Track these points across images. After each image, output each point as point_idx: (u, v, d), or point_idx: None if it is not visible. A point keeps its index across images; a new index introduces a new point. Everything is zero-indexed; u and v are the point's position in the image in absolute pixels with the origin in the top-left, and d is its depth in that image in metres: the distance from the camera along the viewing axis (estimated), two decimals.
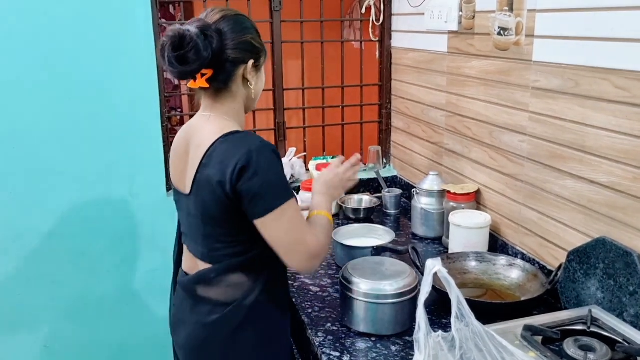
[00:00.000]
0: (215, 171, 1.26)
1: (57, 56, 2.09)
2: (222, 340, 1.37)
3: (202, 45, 1.24)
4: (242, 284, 1.36)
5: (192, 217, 1.38)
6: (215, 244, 1.35)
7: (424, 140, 2.33)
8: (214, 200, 1.28)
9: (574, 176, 1.52)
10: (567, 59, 1.49)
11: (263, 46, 1.41)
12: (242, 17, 1.37)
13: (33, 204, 2.18)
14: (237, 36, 1.32)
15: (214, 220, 1.32)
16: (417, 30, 2.29)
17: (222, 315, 1.36)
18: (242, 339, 1.37)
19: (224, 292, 1.37)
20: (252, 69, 1.36)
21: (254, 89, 1.40)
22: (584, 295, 1.43)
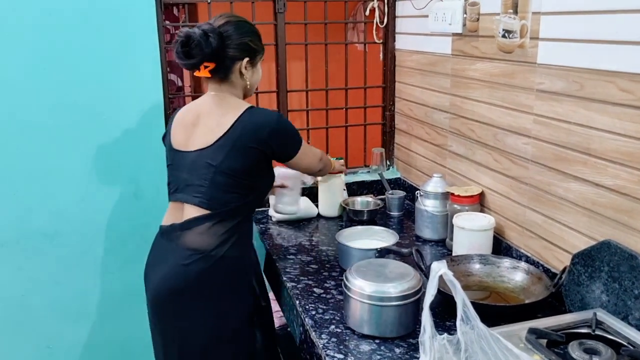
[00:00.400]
0: (251, 132, 1.62)
1: (63, 57, 2.10)
2: (195, 282, 1.61)
3: (204, 44, 1.59)
4: (221, 233, 1.63)
5: (203, 167, 1.63)
6: (218, 192, 1.63)
7: (428, 142, 2.33)
8: (243, 154, 1.62)
9: (579, 179, 1.52)
10: (572, 61, 1.49)
11: (260, 47, 1.74)
12: (244, 22, 1.71)
13: (37, 205, 2.19)
14: (237, 38, 1.66)
15: (233, 170, 1.62)
16: (421, 32, 2.29)
17: (200, 259, 1.61)
18: (213, 283, 1.63)
19: (203, 240, 1.62)
20: (247, 65, 1.69)
21: (249, 80, 1.74)
22: (589, 298, 1.43)
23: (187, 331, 1.66)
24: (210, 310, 1.65)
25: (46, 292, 2.27)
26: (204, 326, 1.65)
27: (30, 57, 2.07)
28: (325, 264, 1.90)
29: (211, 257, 1.62)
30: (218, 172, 1.62)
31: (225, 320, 1.67)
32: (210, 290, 1.63)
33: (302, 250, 2.02)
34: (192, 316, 1.65)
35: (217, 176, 1.62)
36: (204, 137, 1.66)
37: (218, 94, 1.71)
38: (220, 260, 1.62)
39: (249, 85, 1.74)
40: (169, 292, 1.65)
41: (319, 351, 1.43)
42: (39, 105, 2.11)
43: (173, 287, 1.64)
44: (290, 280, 1.79)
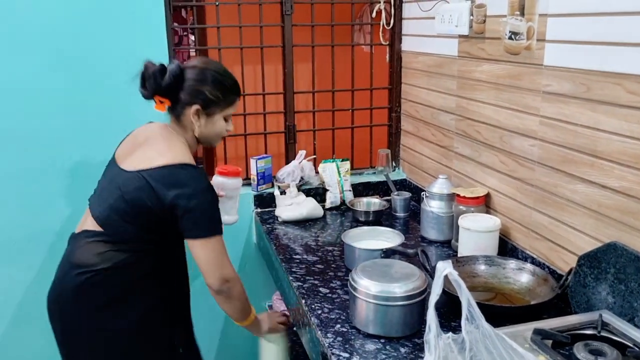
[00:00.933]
0: (166, 189, 1.56)
1: (72, 59, 2.12)
2: (69, 296, 1.63)
3: (157, 78, 1.61)
4: (106, 256, 1.60)
5: (114, 186, 1.63)
6: (115, 216, 1.61)
7: (434, 143, 2.33)
8: (147, 197, 1.57)
9: (585, 181, 1.52)
10: (579, 63, 1.49)
11: (223, 100, 1.68)
12: (212, 71, 1.67)
13: (46, 204, 2.21)
14: (193, 84, 1.64)
15: (134, 205, 1.59)
16: (427, 34, 2.30)
17: (74, 277, 1.61)
18: (87, 301, 1.62)
19: (86, 255, 1.61)
20: (197, 113, 1.66)
21: (199, 130, 1.70)
22: (595, 300, 1.43)
23: (72, 346, 1.72)
24: (91, 334, 1.66)
25: None
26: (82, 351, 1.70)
27: (40, 60, 2.09)
28: (331, 264, 1.91)
29: (84, 270, 1.60)
30: (122, 199, 1.60)
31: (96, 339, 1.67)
32: (86, 310, 1.63)
33: (308, 250, 2.03)
34: (71, 337, 1.70)
35: (120, 202, 1.61)
36: (134, 162, 1.65)
37: (170, 129, 1.71)
38: (93, 276, 1.60)
39: (198, 135, 1.71)
40: (51, 305, 1.71)
41: (325, 350, 1.43)
42: (49, 107, 2.13)
43: (52, 301, 1.70)
44: (296, 280, 1.79)
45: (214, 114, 1.69)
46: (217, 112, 1.69)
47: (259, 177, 2.43)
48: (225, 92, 1.68)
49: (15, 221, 2.19)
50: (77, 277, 1.61)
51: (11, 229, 2.19)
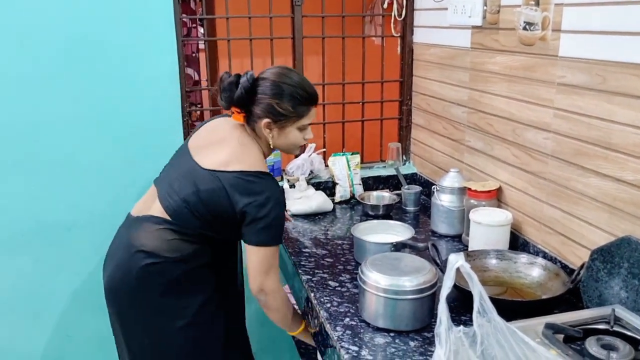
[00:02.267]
0: (239, 196, 1.60)
1: (81, 51, 2.11)
2: (134, 284, 1.64)
3: (229, 92, 1.64)
4: (173, 244, 1.63)
5: (188, 180, 1.64)
6: (185, 210, 1.63)
7: (445, 137, 2.31)
8: (220, 200, 1.61)
9: (599, 174, 1.49)
10: (595, 54, 1.47)
11: (293, 113, 1.66)
12: (285, 85, 1.64)
13: (55, 197, 2.21)
14: (264, 97, 1.64)
15: (206, 204, 1.62)
16: (439, 25, 2.27)
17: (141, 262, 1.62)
18: (152, 288, 1.64)
19: (154, 242, 1.62)
20: (268, 125, 1.66)
21: (273, 142, 1.71)
22: (607, 295, 1.41)
23: (128, 334, 1.74)
24: (148, 323, 1.69)
25: (65, 283, 2.30)
26: (141, 336, 1.71)
27: (49, 52, 2.08)
28: (340, 258, 1.89)
29: (153, 258, 1.62)
30: (195, 195, 1.63)
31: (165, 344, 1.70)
32: (148, 299, 1.66)
33: (317, 243, 2.02)
34: (128, 321, 1.71)
35: (193, 197, 1.63)
36: (210, 159, 1.66)
37: (247, 135, 1.71)
38: (161, 264, 1.62)
39: (272, 146, 1.72)
40: (114, 287, 1.70)
41: (334, 343, 1.42)
42: (57, 99, 2.13)
43: (117, 280, 1.68)
44: (305, 273, 1.78)
45: (285, 127, 1.68)
46: (288, 125, 1.68)
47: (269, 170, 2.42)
48: (296, 105, 1.66)
49: (23, 214, 2.19)
50: (143, 262, 1.62)
51: (18, 222, 2.20)
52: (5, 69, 2.05)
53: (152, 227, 1.65)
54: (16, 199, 2.17)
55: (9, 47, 2.04)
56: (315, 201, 2.29)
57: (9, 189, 2.15)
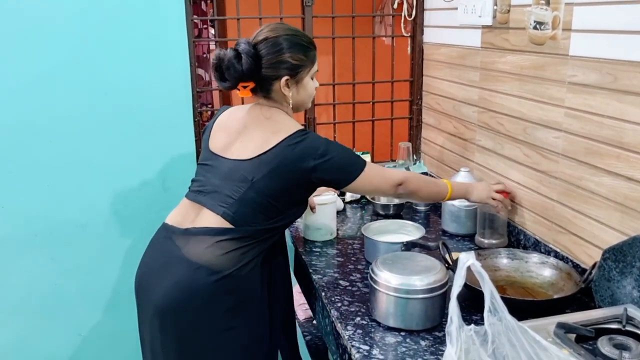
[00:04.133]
0: (297, 160, 1.53)
1: (93, 52, 2.14)
2: (200, 304, 1.50)
3: (235, 66, 1.52)
4: (232, 250, 1.52)
5: (238, 179, 1.55)
6: (246, 209, 1.54)
7: (455, 136, 2.31)
8: (284, 178, 1.54)
9: (611, 173, 1.49)
10: (606, 53, 1.46)
11: (306, 61, 1.61)
12: (284, 37, 1.57)
13: (69, 197, 2.23)
14: (273, 57, 1.55)
15: (269, 190, 1.54)
16: (449, 25, 2.27)
17: (207, 280, 1.48)
18: (219, 306, 1.51)
19: (214, 257, 1.50)
20: (287, 83, 1.59)
21: (293, 99, 1.62)
22: (619, 294, 1.40)
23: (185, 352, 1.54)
24: (213, 334, 1.53)
25: (78, 282, 2.32)
26: (200, 349, 1.53)
27: (62, 52, 2.11)
28: (351, 257, 1.90)
29: (219, 274, 1.49)
30: (252, 189, 1.53)
31: (227, 345, 1.55)
32: (216, 312, 1.52)
33: (328, 243, 2.03)
34: (192, 337, 1.52)
35: (250, 192, 1.53)
36: (246, 148, 1.58)
37: (266, 108, 1.63)
38: (227, 279, 1.50)
39: (291, 104, 1.63)
40: (174, 305, 1.50)
41: (345, 342, 1.43)
42: (69, 100, 2.15)
43: (179, 300, 1.50)
44: (315, 273, 1.79)
45: (302, 78, 1.62)
46: (305, 75, 1.63)
47: None
48: (306, 52, 1.61)
49: (37, 214, 2.22)
50: (210, 280, 1.49)
51: (33, 222, 2.22)
52: (20, 70, 2.08)
53: (212, 240, 1.51)
54: (31, 199, 2.20)
55: (23, 50, 2.07)
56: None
57: (24, 189, 2.18)
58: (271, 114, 1.62)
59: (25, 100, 2.11)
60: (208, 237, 1.52)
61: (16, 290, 2.27)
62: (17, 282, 2.26)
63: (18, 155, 2.15)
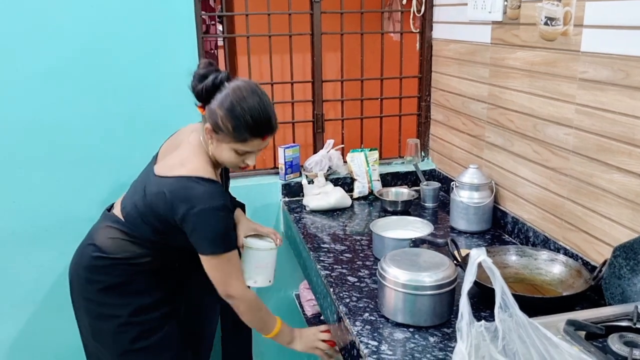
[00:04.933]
0: (177, 201, 1.58)
1: (102, 48, 2.14)
2: (81, 273, 1.74)
3: (194, 82, 1.60)
4: (121, 241, 1.69)
5: (142, 188, 1.68)
6: (136, 214, 1.67)
7: (464, 133, 2.30)
8: (164, 213, 1.61)
9: (622, 170, 1.48)
10: (618, 49, 1.45)
11: (229, 130, 1.57)
12: (239, 100, 1.55)
13: (78, 193, 2.24)
14: (215, 104, 1.56)
15: (150, 208, 1.64)
16: (459, 21, 2.26)
17: (90, 253, 1.71)
18: (96, 279, 1.71)
19: (104, 239, 1.70)
20: (209, 132, 1.60)
21: (210, 150, 1.65)
22: (630, 292, 1.40)
23: (77, 314, 1.83)
24: (89, 313, 1.76)
25: None
26: (83, 324, 1.81)
27: (71, 49, 2.11)
28: (359, 253, 1.90)
29: (103, 256, 1.69)
30: (144, 201, 1.65)
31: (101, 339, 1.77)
32: (89, 290, 1.73)
33: (336, 239, 2.03)
34: (79, 302, 1.79)
35: (141, 203, 1.66)
36: (165, 164, 1.69)
37: (198, 137, 1.69)
38: (105, 260, 1.69)
39: (210, 153, 1.66)
40: (70, 271, 1.80)
41: (353, 338, 1.43)
42: (79, 96, 2.16)
43: (72, 268, 1.79)
44: (324, 269, 1.79)
45: (221, 142, 1.61)
46: (224, 142, 1.60)
47: (287, 166, 2.43)
48: (237, 127, 1.56)
49: (47, 209, 2.23)
50: (91, 255, 1.70)
51: (43, 217, 2.23)
52: (30, 68, 2.09)
53: (107, 224, 1.72)
54: (40, 195, 2.21)
55: (33, 47, 2.07)
56: (333, 197, 2.30)
57: (34, 185, 2.19)
58: (196, 148, 1.67)
59: (35, 97, 2.12)
60: (108, 222, 1.73)
61: (26, 285, 2.28)
62: (26, 276, 2.27)
63: (28, 151, 2.16)
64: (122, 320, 1.72)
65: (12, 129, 2.13)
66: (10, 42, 2.05)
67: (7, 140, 2.13)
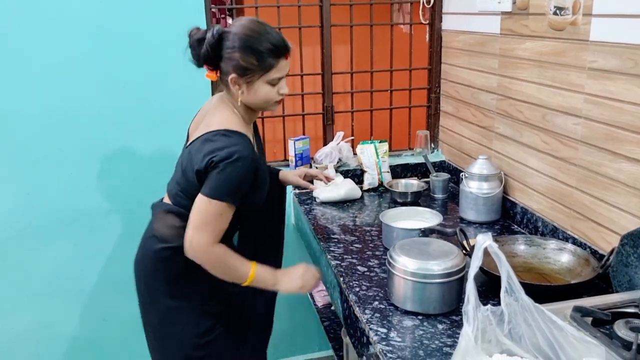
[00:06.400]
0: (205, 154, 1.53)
1: (113, 43, 2.17)
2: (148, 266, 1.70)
3: (195, 49, 1.56)
4: (176, 227, 1.63)
5: (179, 164, 1.68)
6: (178, 190, 1.66)
7: (474, 124, 2.30)
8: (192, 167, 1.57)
9: (630, 159, 1.48)
10: (626, 38, 1.45)
11: (256, 65, 1.54)
12: (243, 36, 1.53)
13: (92, 185, 2.28)
14: (227, 52, 1.54)
15: (188, 176, 1.60)
16: (468, 12, 2.26)
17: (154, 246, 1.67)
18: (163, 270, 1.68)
19: (163, 228, 1.67)
20: (235, 81, 1.56)
21: (242, 99, 1.60)
22: (637, 279, 1.40)
23: (144, 312, 1.80)
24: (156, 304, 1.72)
25: (101, 268, 2.37)
26: (151, 316, 1.76)
27: (83, 44, 2.14)
28: (369, 244, 1.92)
29: (164, 244, 1.65)
30: (183, 173, 1.63)
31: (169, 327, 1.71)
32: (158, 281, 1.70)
33: (346, 230, 2.04)
34: (143, 297, 1.77)
35: (180, 176, 1.65)
36: (193, 137, 1.66)
37: (224, 99, 1.66)
38: (170, 250, 1.63)
39: (240, 102, 1.60)
40: (136, 266, 1.77)
41: (363, 325, 1.45)
42: (91, 90, 2.19)
43: (138, 263, 1.75)
44: (334, 259, 1.81)
45: (252, 81, 1.57)
46: (256, 79, 1.56)
47: (297, 158, 2.45)
48: (260, 57, 1.53)
49: (61, 201, 2.27)
50: (156, 247, 1.67)
51: (57, 209, 2.27)
52: (41, 62, 2.12)
53: (162, 213, 1.70)
54: (55, 187, 2.25)
55: (45, 43, 2.11)
56: (343, 188, 2.32)
57: (48, 177, 2.23)
58: (221, 107, 1.64)
59: (48, 92, 2.15)
60: (161, 211, 1.71)
61: (41, 276, 2.32)
62: (41, 268, 2.31)
63: (42, 145, 2.19)
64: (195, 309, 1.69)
65: (26, 123, 2.16)
66: (22, 39, 2.08)
67: (22, 134, 2.17)
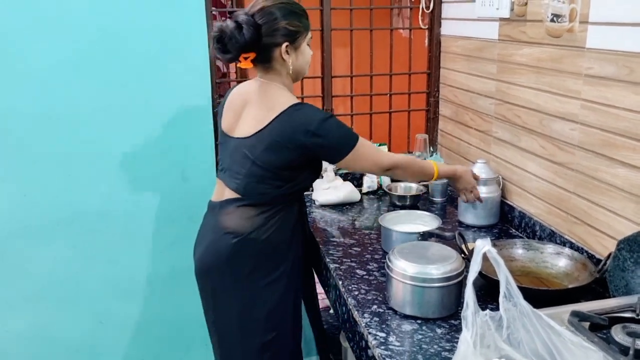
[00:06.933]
0: (290, 134, 1.60)
1: (113, 44, 2.16)
2: (225, 261, 1.70)
3: (237, 37, 1.57)
4: (253, 216, 1.68)
5: (241, 156, 1.69)
6: (253, 182, 1.67)
7: (472, 128, 2.32)
8: (280, 152, 1.62)
9: (627, 164, 1.50)
10: (622, 45, 1.47)
11: (302, 27, 1.67)
12: (279, 6, 1.63)
13: (90, 186, 2.27)
14: (271, 25, 1.61)
15: (270, 164, 1.64)
16: (467, 17, 2.28)
17: (232, 239, 1.68)
18: (242, 264, 1.70)
19: (238, 222, 1.69)
20: (287, 49, 1.65)
21: (293, 65, 1.69)
22: (634, 284, 1.42)
23: (219, 309, 1.78)
24: (238, 292, 1.73)
25: (99, 270, 2.36)
26: (231, 306, 1.75)
27: (82, 44, 2.13)
28: (368, 247, 1.93)
29: (243, 239, 1.68)
30: (255, 165, 1.65)
31: (254, 302, 1.72)
32: (240, 272, 1.71)
33: (345, 233, 2.06)
34: (221, 295, 1.75)
35: (254, 167, 1.66)
36: (247, 126, 1.69)
37: (266, 82, 1.71)
38: (252, 243, 1.68)
39: (291, 71, 1.70)
40: (205, 267, 1.76)
41: (362, 330, 1.46)
42: (90, 90, 2.18)
43: (208, 264, 1.75)
44: (333, 262, 1.82)
45: (300, 44, 1.69)
46: (302, 41, 1.69)
47: None
48: (301, 17, 1.68)
49: (59, 203, 2.25)
50: (232, 242, 1.68)
51: (55, 211, 2.26)
52: (41, 62, 2.11)
53: (231, 208, 1.71)
54: (53, 188, 2.23)
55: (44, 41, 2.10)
56: (342, 191, 2.33)
57: (46, 178, 2.22)
58: (268, 89, 1.69)
59: (46, 91, 2.14)
60: (229, 206, 1.71)
61: (38, 278, 2.31)
62: (39, 269, 2.30)
63: (40, 145, 2.18)
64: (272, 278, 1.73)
65: (23, 122, 2.15)
66: (20, 38, 2.08)
67: (19, 133, 2.16)
